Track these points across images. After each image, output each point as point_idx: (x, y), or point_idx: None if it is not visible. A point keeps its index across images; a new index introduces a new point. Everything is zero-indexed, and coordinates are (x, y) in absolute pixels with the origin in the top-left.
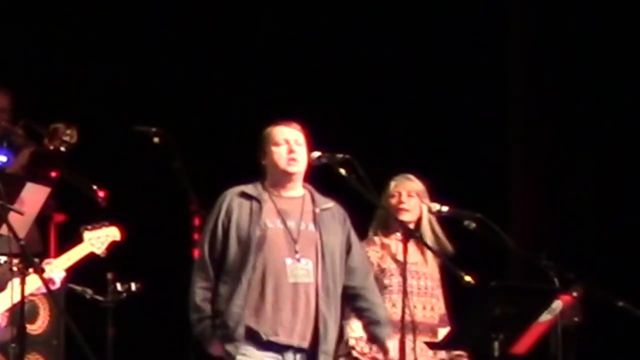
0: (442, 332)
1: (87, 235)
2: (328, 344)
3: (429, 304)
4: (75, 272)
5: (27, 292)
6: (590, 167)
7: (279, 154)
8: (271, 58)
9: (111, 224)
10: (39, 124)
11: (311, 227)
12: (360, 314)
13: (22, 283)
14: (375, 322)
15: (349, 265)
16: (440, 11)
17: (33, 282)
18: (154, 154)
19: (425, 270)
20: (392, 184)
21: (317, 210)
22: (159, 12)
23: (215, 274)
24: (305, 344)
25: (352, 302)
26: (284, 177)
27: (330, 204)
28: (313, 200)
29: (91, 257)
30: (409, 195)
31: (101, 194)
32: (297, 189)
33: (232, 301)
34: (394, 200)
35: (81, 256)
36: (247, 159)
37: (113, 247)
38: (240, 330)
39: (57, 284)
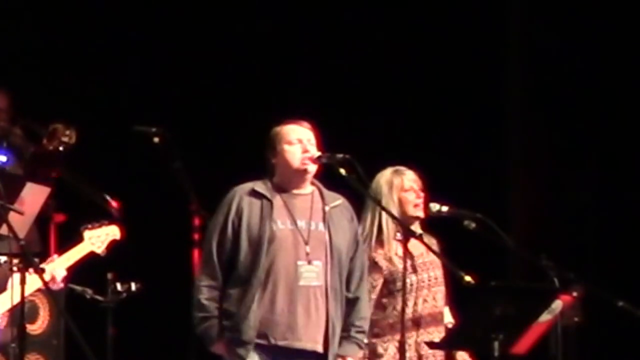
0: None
1: (87, 234)
2: (335, 345)
3: (439, 292)
4: (75, 272)
5: (27, 292)
6: (590, 167)
7: (293, 153)
8: (271, 58)
9: (111, 222)
10: (38, 124)
11: (321, 226)
12: (345, 319)
13: (22, 283)
14: (348, 337)
15: (349, 266)
16: (440, 10)
17: (33, 283)
18: (154, 154)
19: (430, 259)
20: (404, 178)
21: (327, 208)
22: (158, 12)
23: (224, 274)
24: (318, 347)
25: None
26: (297, 177)
27: (338, 200)
28: (322, 197)
29: (92, 257)
30: (422, 190)
31: (114, 204)
32: (307, 187)
33: (243, 303)
34: (410, 196)
35: (82, 255)
36: (247, 159)
37: (113, 245)
38: (252, 334)
39: (60, 284)
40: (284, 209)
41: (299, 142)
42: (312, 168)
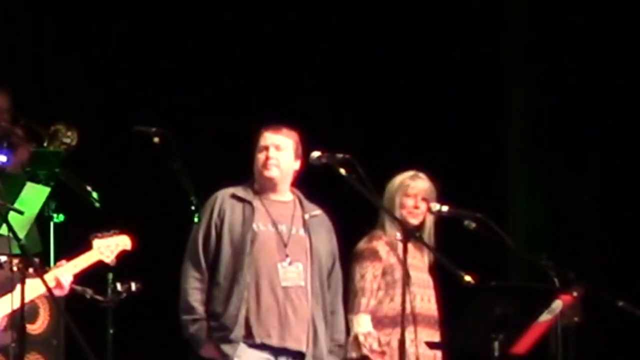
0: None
1: (96, 243)
2: (318, 348)
3: (432, 296)
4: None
5: (33, 296)
6: (590, 167)
7: (259, 160)
8: (271, 58)
9: (122, 232)
10: (39, 124)
11: (301, 232)
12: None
13: (23, 283)
14: (331, 351)
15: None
16: (439, 8)
17: (38, 287)
18: (154, 154)
19: (420, 264)
20: (411, 184)
21: (307, 216)
22: (158, 13)
23: (208, 276)
24: (302, 347)
25: None
26: (265, 182)
27: (317, 211)
28: (302, 206)
29: (100, 265)
30: (423, 200)
31: (95, 194)
32: (285, 194)
33: (229, 303)
34: (409, 202)
35: (89, 264)
36: (247, 159)
37: (123, 255)
38: (238, 332)
39: (66, 289)
40: (265, 213)
41: (265, 149)
42: (271, 174)
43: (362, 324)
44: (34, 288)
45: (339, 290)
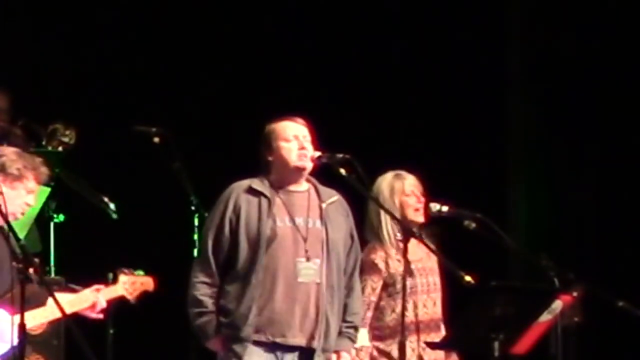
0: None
1: (122, 278)
2: (328, 342)
3: (438, 299)
4: (74, 272)
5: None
6: (590, 167)
7: (289, 149)
8: (271, 57)
9: (147, 275)
10: (38, 124)
11: (318, 223)
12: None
13: (23, 284)
14: (340, 332)
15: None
16: (440, 10)
17: (55, 311)
18: (154, 154)
19: (429, 265)
20: (405, 182)
21: (324, 205)
22: (158, 12)
23: (222, 271)
24: (313, 343)
25: None
26: (294, 173)
27: (334, 197)
28: (318, 194)
29: (120, 300)
30: (422, 195)
31: (112, 206)
32: (302, 184)
33: (242, 301)
34: (411, 200)
35: (112, 297)
36: (247, 159)
37: (143, 296)
38: (250, 331)
39: (96, 313)
40: (282, 206)
41: (295, 138)
42: (309, 165)
43: (359, 338)
44: (52, 310)
45: (355, 271)
